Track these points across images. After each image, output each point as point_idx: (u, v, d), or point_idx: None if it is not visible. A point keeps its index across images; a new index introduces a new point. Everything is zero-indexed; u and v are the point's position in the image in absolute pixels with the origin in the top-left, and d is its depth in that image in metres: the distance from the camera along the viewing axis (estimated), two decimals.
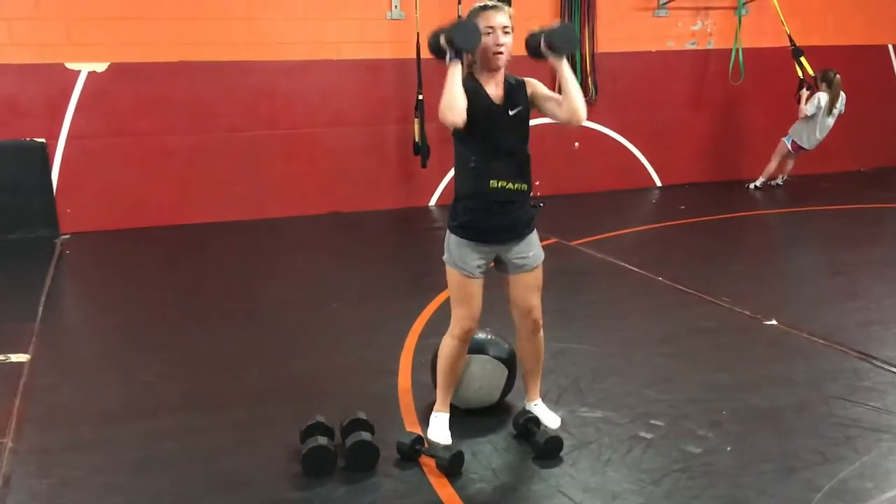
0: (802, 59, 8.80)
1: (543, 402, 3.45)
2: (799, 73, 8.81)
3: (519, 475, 3.06)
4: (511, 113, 3.08)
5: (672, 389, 3.77)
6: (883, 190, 8.85)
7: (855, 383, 3.80)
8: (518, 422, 3.31)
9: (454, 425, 3.30)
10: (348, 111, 8.16)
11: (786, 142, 8.95)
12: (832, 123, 8.73)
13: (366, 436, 3.09)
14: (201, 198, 7.81)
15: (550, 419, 3.37)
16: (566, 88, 3.02)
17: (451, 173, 8.44)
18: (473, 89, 3.03)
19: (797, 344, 4.37)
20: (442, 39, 2.97)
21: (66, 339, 4.85)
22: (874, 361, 4.04)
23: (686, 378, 3.91)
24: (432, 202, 8.58)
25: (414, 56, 7.94)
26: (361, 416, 3.25)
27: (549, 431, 3.22)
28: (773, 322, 4.66)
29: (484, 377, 3.47)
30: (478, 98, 3.02)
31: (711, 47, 9.34)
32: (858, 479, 2.94)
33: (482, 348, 3.46)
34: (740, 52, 9.12)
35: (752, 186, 9.18)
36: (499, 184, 3.07)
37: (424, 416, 3.43)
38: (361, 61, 8.10)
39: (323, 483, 2.97)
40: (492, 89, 3.08)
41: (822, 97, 8.61)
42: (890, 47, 10.15)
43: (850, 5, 9.78)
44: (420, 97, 7.97)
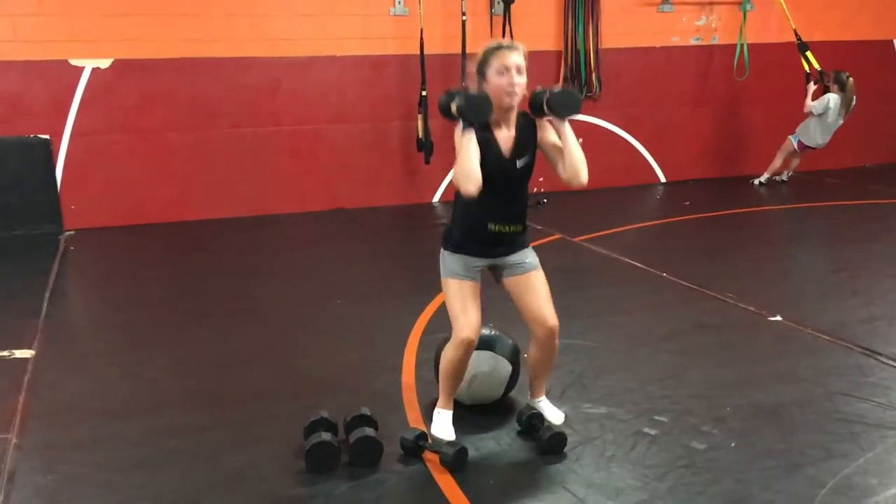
0: (808, 54, 8.76)
1: (547, 398, 3.45)
2: (805, 68, 8.77)
3: (523, 471, 3.06)
4: (518, 165, 3.14)
5: (676, 385, 3.77)
6: (888, 186, 8.83)
7: (859, 379, 3.79)
8: (522, 418, 3.31)
9: (458, 421, 3.30)
10: (351, 107, 8.15)
11: (792, 140, 8.89)
12: (840, 124, 8.69)
13: (369, 431, 3.09)
14: (204, 194, 7.81)
15: (554, 415, 3.37)
16: (568, 151, 3.07)
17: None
18: (485, 140, 3.06)
19: (801, 340, 4.36)
20: (454, 109, 3.00)
21: (71, 336, 4.86)
22: (879, 357, 4.04)
23: (690, 374, 3.91)
24: (436, 198, 8.57)
25: (417, 52, 7.94)
26: (365, 412, 3.26)
27: (553, 427, 3.22)
28: (778, 318, 4.66)
29: (488, 373, 3.46)
30: (488, 150, 3.06)
31: (716, 43, 9.31)
32: (863, 476, 2.94)
33: (486, 344, 3.45)
34: (745, 48, 9.09)
35: (757, 182, 9.15)
36: (496, 227, 3.16)
37: (428, 412, 3.43)
38: (364, 57, 8.09)
39: (326, 479, 2.98)
40: (503, 133, 3.12)
41: (833, 98, 8.53)
42: (895, 42, 10.11)
43: (856, 0, 9.74)
44: (423, 93, 7.96)
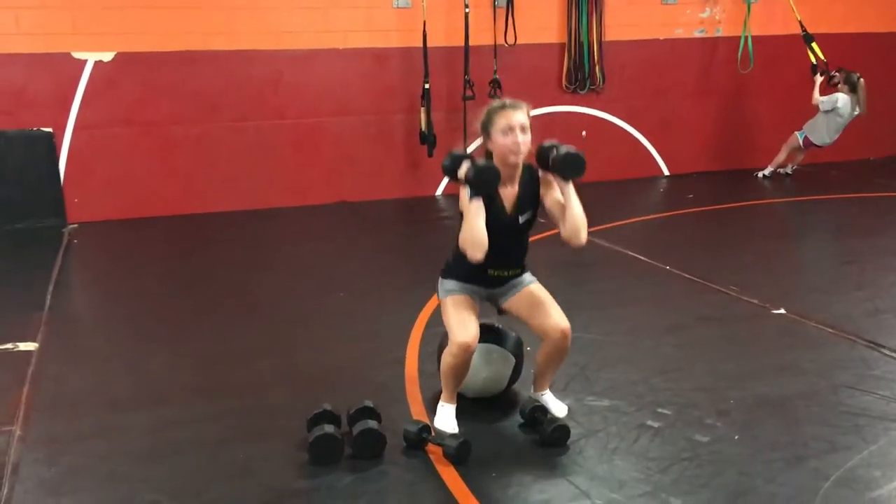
0: (814, 45, 8.72)
1: (550, 391, 3.45)
2: (812, 59, 8.72)
3: (526, 463, 3.05)
4: (520, 221, 3.21)
5: (679, 378, 3.76)
6: (892, 178, 8.80)
7: (863, 372, 3.78)
8: (525, 410, 3.31)
9: (461, 414, 3.30)
10: (354, 100, 8.14)
11: (798, 136, 8.82)
12: (847, 123, 8.64)
13: (373, 424, 3.09)
14: (207, 188, 7.80)
15: (557, 408, 3.37)
16: (570, 211, 3.12)
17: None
18: (489, 197, 3.11)
19: (805, 333, 4.35)
20: (461, 176, 3.06)
21: (74, 329, 4.86)
22: (883, 350, 4.03)
23: (693, 367, 3.90)
24: (439, 191, 8.56)
25: (420, 45, 7.92)
26: (368, 405, 3.26)
27: (556, 420, 3.22)
28: (782, 311, 4.65)
29: (491, 367, 3.46)
30: (491, 206, 3.11)
31: (720, 35, 9.27)
32: (866, 468, 2.93)
33: (490, 338, 3.45)
34: (749, 40, 9.05)
35: (761, 175, 9.12)
36: (495, 272, 3.26)
37: (431, 405, 3.43)
38: (367, 50, 8.07)
39: (330, 471, 2.98)
40: (507, 190, 3.18)
41: (842, 98, 8.44)
42: None
43: None
44: (426, 86, 7.95)
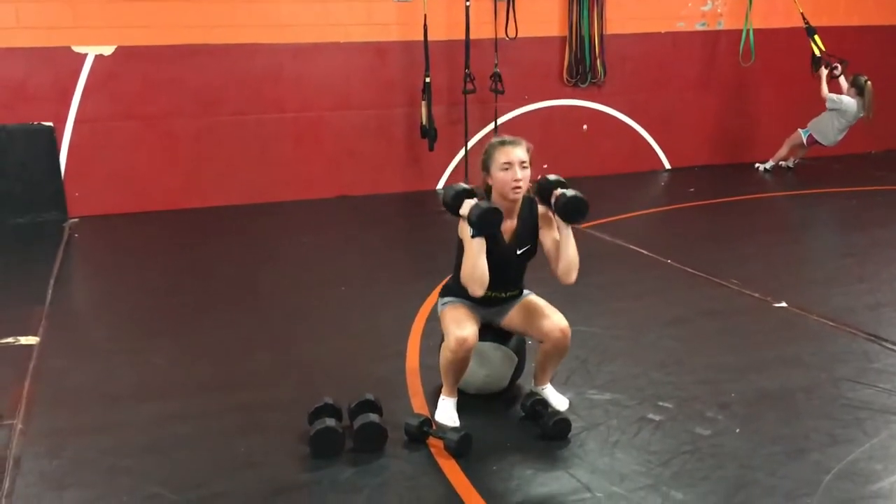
0: (816, 38, 8.69)
1: (551, 385, 3.45)
2: (815, 52, 8.69)
3: (527, 457, 3.06)
4: (518, 252, 3.26)
5: (681, 371, 3.77)
6: (894, 172, 8.79)
7: (865, 365, 3.78)
8: (526, 404, 3.31)
9: (462, 407, 3.31)
10: (355, 94, 8.12)
11: (802, 134, 8.77)
12: (853, 124, 8.60)
13: (374, 417, 3.10)
14: (208, 181, 7.80)
15: (559, 401, 3.37)
16: (565, 252, 3.17)
17: (459, 157, 8.44)
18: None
19: (807, 326, 4.35)
20: (463, 214, 3.10)
21: (75, 322, 4.87)
22: (884, 343, 4.03)
23: (695, 360, 3.91)
24: (440, 185, 8.55)
25: (421, 38, 7.90)
26: (369, 398, 3.26)
27: (557, 413, 3.22)
28: (783, 304, 4.65)
29: (492, 365, 3.46)
30: (490, 239, 3.13)
31: (721, 28, 9.25)
32: (868, 461, 2.93)
33: (492, 336, 3.45)
34: (751, 33, 9.02)
35: (762, 168, 9.11)
36: (493, 294, 3.30)
37: (432, 398, 3.43)
38: (368, 44, 8.05)
39: (331, 464, 2.99)
40: (506, 223, 3.21)
41: (847, 101, 8.38)
42: None
43: None
44: (427, 80, 7.93)
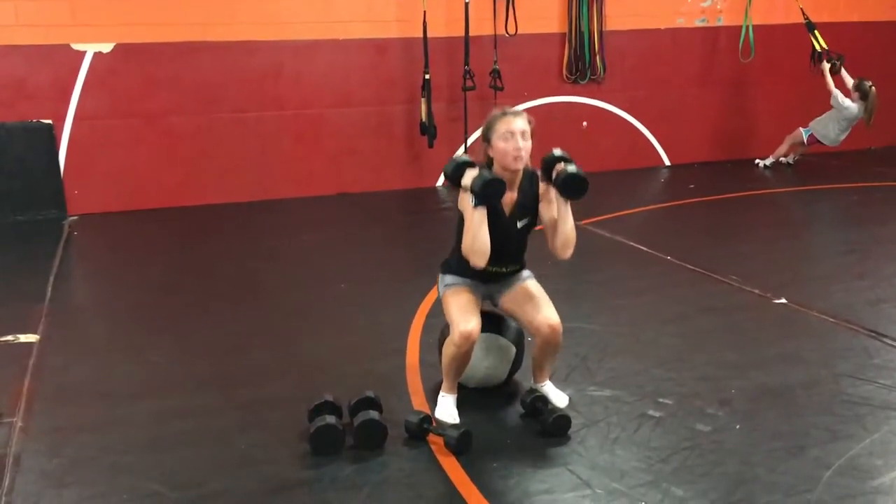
0: (816, 33, 8.67)
1: (551, 381, 3.45)
2: (816, 47, 8.68)
3: (527, 453, 3.05)
4: (519, 226, 3.26)
5: (681, 368, 3.76)
6: (894, 168, 8.78)
7: (865, 361, 3.78)
8: (526, 400, 3.31)
9: (462, 404, 3.31)
10: (355, 91, 8.12)
11: (802, 133, 8.76)
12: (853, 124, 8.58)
13: (374, 414, 3.09)
14: (208, 179, 7.80)
15: (558, 398, 3.37)
16: (563, 228, 3.19)
17: (459, 153, 8.42)
18: None
19: (807, 322, 4.35)
20: (465, 185, 3.09)
21: (75, 320, 4.86)
22: (884, 339, 4.02)
23: (695, 357, 3.90)
24: (439, 182, 8.55)
25: (420, 35, 7.89)
26: (369, 395, 3.26)
27: (557, 410, 3.21)
28: (783, 301, 4.64)
29: (491, 357, 3.46)
30: (491, 211, 3.12)
31: (721, 24, 9.24)
32: (868, 457, 2.93)
33: (491, 327, 3.45)
34: (750, 29, 9.02)
35: (762, 164, 9.11)
36: (494, 269, 3.27)
37: (432, 395, 3.43)
38: (368, 41, 8.05)
39: (331, 461, 2.98)
40: (506, 195, 3.19)
41: (848, 104, 8.33)
42: None
43: None
44: (427, 76, 7.93)
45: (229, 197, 7.83)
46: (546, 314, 3.22)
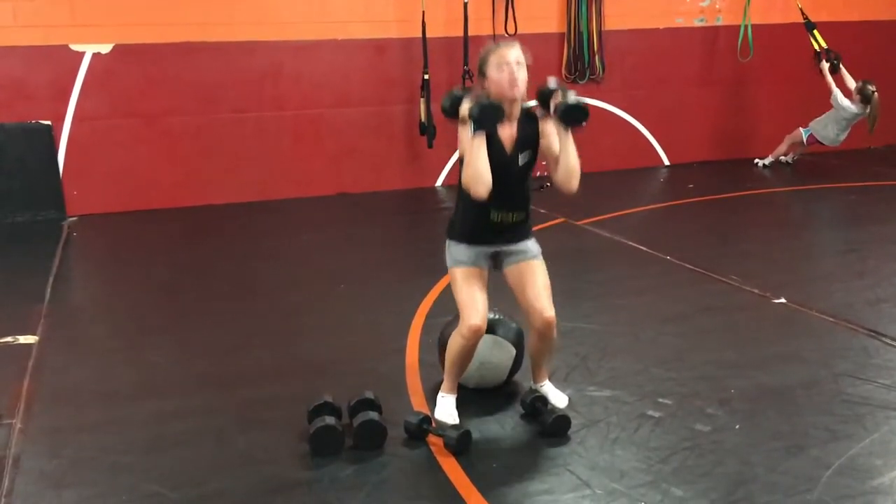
0: (815, 32, 8.67)
1: (551, 381, 3.45)
2: (815, 46, 8.68)
3: (527, 454, 3.06)
4: (520, 162, 3.18)
5: (680, 368, 3.76)
6: (893, 167, 8.79)
7: (864, 361, 3.78)
8: (526, 401, 3.31)
9: (462, 404, 3.30)
10: (354, 91, 8.12)
11: (802, 133, 8.74)
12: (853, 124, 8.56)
13: (373, 415, 3.09)
14: (207, 179, 7.79)
15: (558, 398, 3.37)
16: (565, 158, 3.13)
17: (458, 154, 8.41)
18: (488, 138, 3.07)
19: (806, 322, 4.35)
20: (463, 113, 3.06)
21: (74, 321, 4.86)
22: (884, 339, 4.02)
23: (695, 356, 3.90)
24: (439, 182, 8.55)
25: (420, 35, 7.89)
26: (369, 396, 3.25)
27: (557, 410, 3.21)
28: (782, 300, 4.64)
29: (492, 357, 3.46)
30: (491, 149, 3.07)
31: (720, 24, 9.24)
32: (868, 457, 2.93)
33: (491, 328, 3.44)
34: (749, 29, 9.02)
35: (761, 164, 9.11)
36: (499, 216, 3.19)
37: (432, 396, 3.43)
38: (367, 41, 8.05)
39: (331, 462, 2.98)
40: (505, 130, 3.15)
41: (848, 104, 8.31)
42: None
43: None
44: (426, 77, 7.93)
45: (229, 197, 7.82)
46: (543, 305, 3.18)
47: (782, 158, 9.13)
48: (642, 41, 8.96)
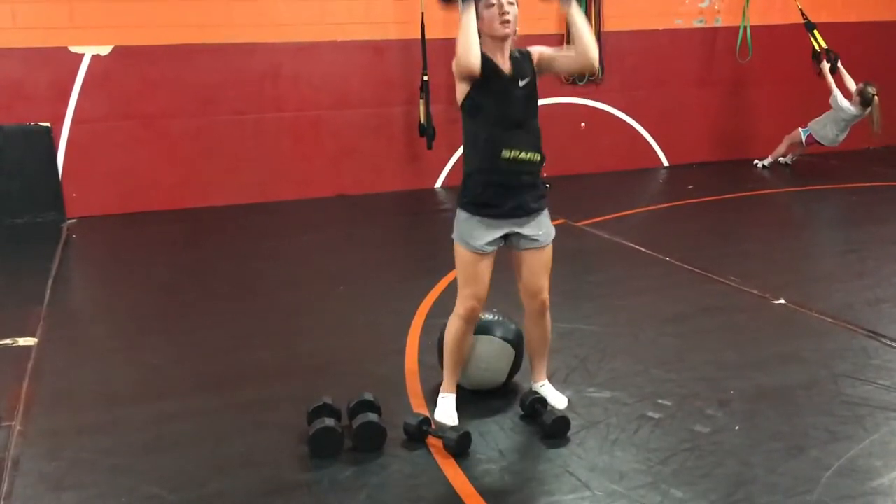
0: (815, 33, 8.68)
1: (550, 383, 3.45)
2: (815, 46, 8.68)
3: (526, 455, 3.05)
4: (521, 84, 3.06)
5: (680, 369, 3.76)
6: (892, 168, 8.79)
7: (864, 361, 3.78)
8: (525, 402, 3.31)
9: (461, 406, 3.30)
10: (353, 93, 8.13)
11: (801, 133, 8.75)
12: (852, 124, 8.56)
13: (373, 417, 3.09)
14: (207, 181, 7.80)
15: (558, 399, 3.36)
16: (577, 30, 3.00)
17: (457, 155, 8.43)
18: (484, 61, 2.99)
19: (806, 323, 4.35)
20: None
21: (74, 323, 4.86)
22: (883, 339, 4.02)
23: (694, 357, 3.90)
24: (438, 184, 8.55)
25: (419, 37, 7.90)
26: (368, 398, 3.25)
27: (557, 412, 3.21)
28: (782, 301, 4.64)
29: (491, 358, 3.46)
30: (487, 68, 2.99)
31: (719, 25, 9.25)
32: (867, 458, 2.93)
33: (489, 329, 3.45)
34: (748, 30, 9.03)
35: (760, 165, 9.11)
36: (511, 153, 3.02)
37: (431, 397, 3.43)
38: (366, 42, 8.05)
39: (330, 464, 2.98)
40: (499, 61, 3.06)
41: (847, 105, 8.30)
42: None
43: None
44: (425, 78, 7.93)
45: (228, 199, 7.83)
46: (542, 285, 3.21)
47: (781, 159, 9.13)
48: (642, 42, 8.97)
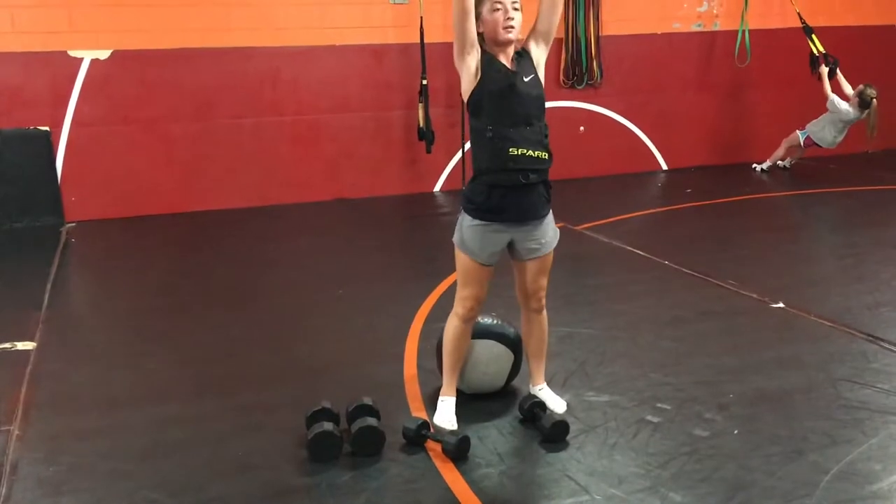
0: (814, 37, 8.69)
1: (549, 387, 3.45)
2: (814, 50, 8.69)
3: (525, 459, 3.05)
4: (525, 79, 3.07)
5: (679, 373, 3.76)
6: (890, 171, 8.80)
7: (863, 365, 3.78)
8: (524, 406, 3.31)
9: (460, 410, 3.30)
10: (352, 97, 8.13)
11: (800, 135, 8.75)
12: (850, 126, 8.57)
13: (372, 421, 3.09)
14: (206, 185, 7.79)
15: (556, 403, 3.36)
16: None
17: (457, 158, 8.44)
18: (487, 61, 3.03)
19: (805, 326, 4.35)
20: None
21: (72, 327, 4.85)
22: (882, 343, 4.03)
23: (693, 361, 3.90)
24: (437, 188, 8.55)
25: (418, 41, 7.90)
26: (367, 402, 3.25)
27: (555, 416, 3.21)
28: (781, 305, 4.64)
29: (490, 362, 3.46)
30: (492, 67, 3.03)
31: (717, 29, 9.26)
32: (866, 462, 2.93)
33: (488, 333, 3.45)
34: (746, 34, 9.04)
35: (759, 169, 9.12)
36: (519, 151, 2.99)
37: (430, 401, 3.43)
38: (365, 46, 8.06)
39: (329, 468, 2.98)
40: (503, 60, 3.09)
41: (844, 107, 8.31)
42: None
43: None
44: (424, 82, 7.94)
45: (227, 203, 7.82)
46: (541, 284, 3.23)
47: (780, 163, 9.14)
48: (640, 46, 8.98)
